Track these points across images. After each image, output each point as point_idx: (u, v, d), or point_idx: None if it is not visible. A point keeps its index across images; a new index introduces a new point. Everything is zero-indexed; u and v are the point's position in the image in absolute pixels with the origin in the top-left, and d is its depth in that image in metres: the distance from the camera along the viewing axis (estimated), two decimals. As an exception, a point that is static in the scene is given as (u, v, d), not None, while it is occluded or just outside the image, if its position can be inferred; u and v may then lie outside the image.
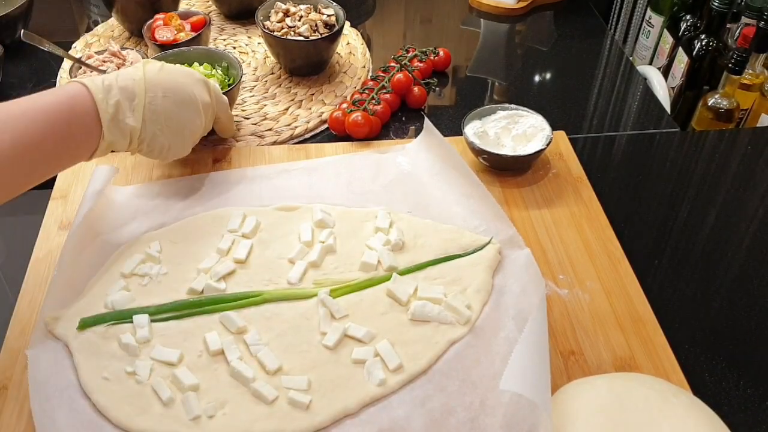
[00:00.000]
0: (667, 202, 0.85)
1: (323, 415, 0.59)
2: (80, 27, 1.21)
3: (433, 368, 0.63)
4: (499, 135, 0.85)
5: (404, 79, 0.97)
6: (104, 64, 0.94)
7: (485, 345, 0.65)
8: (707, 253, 0.78)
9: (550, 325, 0.67)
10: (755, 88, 1.20)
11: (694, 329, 0.70)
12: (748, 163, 0.91)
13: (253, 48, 1.10)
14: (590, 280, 0.72)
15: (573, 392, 0.58)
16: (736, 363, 0.66)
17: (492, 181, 0.84)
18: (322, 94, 1.00)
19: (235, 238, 0.74)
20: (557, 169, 0.86)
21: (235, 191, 0.81)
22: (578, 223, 0.78)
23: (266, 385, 0.60)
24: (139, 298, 0.68)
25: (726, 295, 0.74)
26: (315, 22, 0.99)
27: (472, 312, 0.67)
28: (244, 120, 0.95)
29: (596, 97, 1.04)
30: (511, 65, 1.13)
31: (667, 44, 1.45)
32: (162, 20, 1.00)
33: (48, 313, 0.65)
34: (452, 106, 1.02)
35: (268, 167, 0.84)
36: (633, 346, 0.66)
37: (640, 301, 0.70)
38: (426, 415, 0.59)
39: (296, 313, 0.67)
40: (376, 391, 0.61)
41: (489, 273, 0.71)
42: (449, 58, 1.07)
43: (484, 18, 1.24)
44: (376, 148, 0.88)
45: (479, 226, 0.76)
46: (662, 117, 1.00)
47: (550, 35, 1.21)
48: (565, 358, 0.65)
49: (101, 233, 0.74)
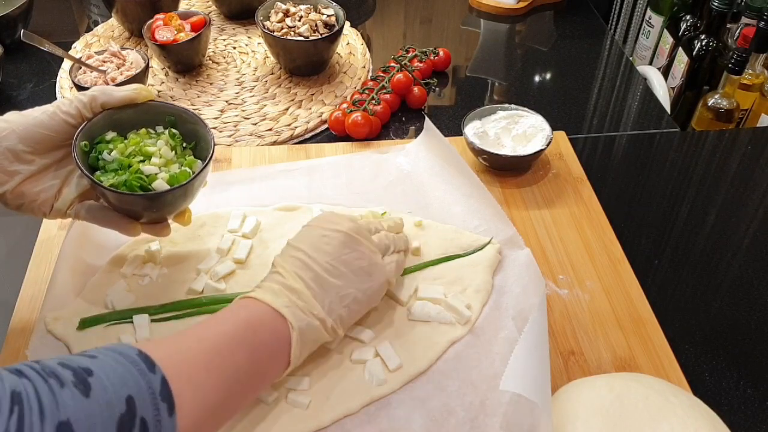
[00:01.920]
0: (667, 202, 0.85)
1: (323, 415, 0.59)
2: (80, 27, 1.21)
3: (433, 368, 0.63)
4: (499, 135, 0.85)
5: (404, 80, 0.97)
6: (104, 64, 0.94)
7: (485, 345, 0.65)
8: (707, 253, 0.78)
9: (550, 325, 0.67)
10: (755, 88, 1.20)
11: (694, 329, 0.70)
12: (748, 163, 0.91)
13: (253, 48, 1.10)
14: (590, 280, 0.72)
15: (573, 392, 0.58)
16: (736, 363, 0.66)
17: (492, 181, 0.84)
18: (322, 94, 1.00)
19: (235, 238, 0.74)
20: (557, 169, 0.86)
21: (235, 191, 0.81)
22: (578, 223, 0.78)
23: (266, 385, 0.60)
24: (139, 298, 0.68)
25: (726, 295, 0.74)
26: (315, 22, 0.99)
27: (472, 312, 0.67)
28: (244, 120, 0.95)
29: (596, 97, 1.04)
30: (511, 65, 1.13)
31: (667, 44, 1.45)
32: (162, 20, 1.00)
33: (48, 313, 0.65)
34: (452, 106, 1.02)
35: (268, 167, 0.84)
36: (633, 346, 0.66)
37: (640, 301, 0.70)
38: (426, 415, 0.59)
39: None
40: (376, 391, 0.61)
41: (489, 273, 0.71)
42: (449, 58, 1.07)
43: (484, 18, 1.24)
44: (376, 148, 0.88)
45: (479, 226, 0.76)
46: (662, 117, 1.00)
47: (550, 35, 1.21)
48: (565, 358, 0.65)
49: (101, 233, 0.74)
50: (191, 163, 0.65)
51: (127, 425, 0.40)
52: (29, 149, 0.59)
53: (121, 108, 0.64)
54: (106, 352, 0.44)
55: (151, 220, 0.65)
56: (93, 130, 0.63)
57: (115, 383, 0.41)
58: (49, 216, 0.63)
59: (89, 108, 0.62)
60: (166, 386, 0.43)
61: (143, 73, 0.93)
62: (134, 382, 0.42)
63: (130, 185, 0.61)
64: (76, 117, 0.61)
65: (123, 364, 0.43)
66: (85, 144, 0.62)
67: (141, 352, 0.44)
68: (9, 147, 0.58)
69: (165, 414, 0.43)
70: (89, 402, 0.39)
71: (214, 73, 1.05)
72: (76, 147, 0.60)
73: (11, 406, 0.36)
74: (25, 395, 0.37)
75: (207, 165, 0.63)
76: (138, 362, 0.43)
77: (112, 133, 0.64)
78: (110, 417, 0.39)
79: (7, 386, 0.37)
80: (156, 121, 0.66)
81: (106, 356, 0.43)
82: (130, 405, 0.41)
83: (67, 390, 0.38)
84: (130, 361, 0.43)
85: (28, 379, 0.38)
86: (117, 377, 0.41)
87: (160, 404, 0.42)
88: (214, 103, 0.99)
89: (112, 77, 0.92)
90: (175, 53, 1.00)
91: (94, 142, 0.63)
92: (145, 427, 0.41)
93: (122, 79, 0.91)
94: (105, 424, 0.39)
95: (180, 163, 0.64)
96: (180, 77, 1.03)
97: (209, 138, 0.65)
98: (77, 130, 0.61)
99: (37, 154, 0.60)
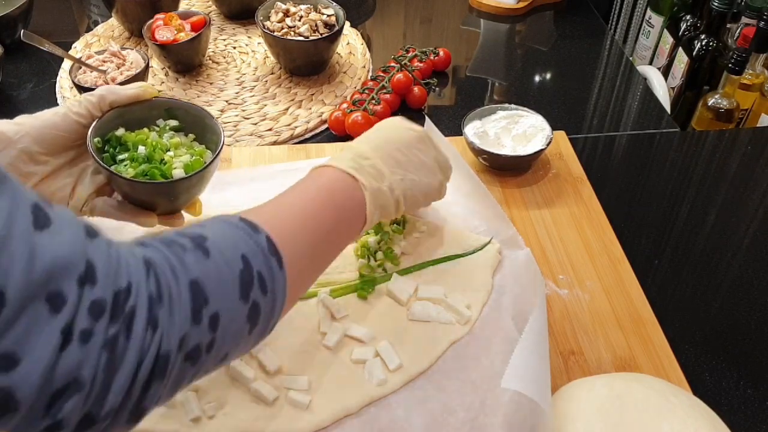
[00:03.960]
0: (667, 202, 0.85)
1: (323, 415, 0.59)
2: (80, 27, 1.21)
3: (433, 368, 0.63)
4: (499, 135, 0.85)
5: (404, 79, 0.97)
6: (104, 64, 0.94)
7: (485, 345, 0.65)
8: (707, 253, 0.78)
9: (550, 325, 0.67)
10: (755, 88, 1.20)
11: (694, 329, 0.70)
12: (748, 163, 0.91)
13: (253, 48, 1.10)
14: (590, 280, 0.72)
15: (573, 392, 0.58)
16: (736, 363, 0.66)
17: (492, 181, 0.84)
18: (322, 94, 1.00)
19: (235, 238, 0.74)
20: (557, 169, 0.86)
21: (235, 191, 0.81)
22: (578, 223, 0.78)
23: (266, 385, 0.60)
24: (139, 298, 0.68)
25: (726, 295, 0.74)
26: (315, 22, 0.99)
27: (472, 312, 0.67)
28: (244, 120, 0.95)
29: (596, 97, 1.04)
30: (511, 65, 1.13)
31: (667, 44, 1.45)
32: (162, 20, 1.00)
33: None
34: (452, 106, 1.02)
35: (268, 167, 0.84)
36: (633, 346, 0.66)
37: (640, 301, 0.70)
38: (426, 415, 0.59)
39: (296, 314, 0.67)
40: (376, 391, 0.61)
41: (489, 273, 0.71)
42: (449, 58, 1.07)
43: (484, 18, 1.24)
44: (376, 148, 0.88)
45: (479, 226, 0.76)
46: (662, 117, 1.00)
47: (550, 35, 1.21)
48: (565, 358, 0.65)
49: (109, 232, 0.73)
50: (202, 153, 0.67)
51: (246, 279, 0.44)
52: (43, 150, 0.61)
53: (129, 105, 0.66)
54: (211, 221, 0.48)
55: (166, 211, 0.67)
56: (104, 128, 0.65)
57: (229, 245, 0.45)
58: None
59: (98, 107, 0.64)
60: (271, 244, 0.47)
61: (143, 73, 0.93)
62: (244, 243, 0.46)
63: (152, 174, 0.63)
64: (87, 117, 0.63)
65: (231, 227, 0.47)
66: (98, 141, 0.64)
67: (242, 218, 0.48)
68: (24, 149, 0.59)
69: (276, 267, 0.47)
70: (211, 261, 0.43)
71: (214, 73, 1.05)
72: (91, 144, 0.62)
73: (147, 270, 0.39)
74: (157, 260, 0.41)
75: (219, 152, 0.66)
76: (243, 226, 0.47)
77: (122, 130, 0.66)
78: (231, 273, 0.44)
79: (138, 254, 0.40)
80: (161, 116, 0.69)
81: (213, 223, 0.47)
82: (245, 262, 0.45)
83: (190, 254, 0.43)
84: (235, 225, 0.47)
85: (154, 248, 0.42)
86: (229, 239, 0.45)
87: (271, 259, 0.47)
88: (214, 103, 0.99)
89: (112, 77, 0.92)
90: (175, 53, 1.00)
91: (105, 139, 0.65)
92: (262, 280, 0.46)
93: (122, 79, 0.91)
94: (229, 281, 0.44)
95: (191, 154, 0.67)
96: (180, 77, 1.03)
97: (218, 128, 0.68)
98: (88, 129, 0.63)
99: (51, 155, 0.62)
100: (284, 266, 0.48)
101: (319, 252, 0.55)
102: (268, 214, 0.52)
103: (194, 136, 0.70)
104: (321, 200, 0.56)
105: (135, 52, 0.97)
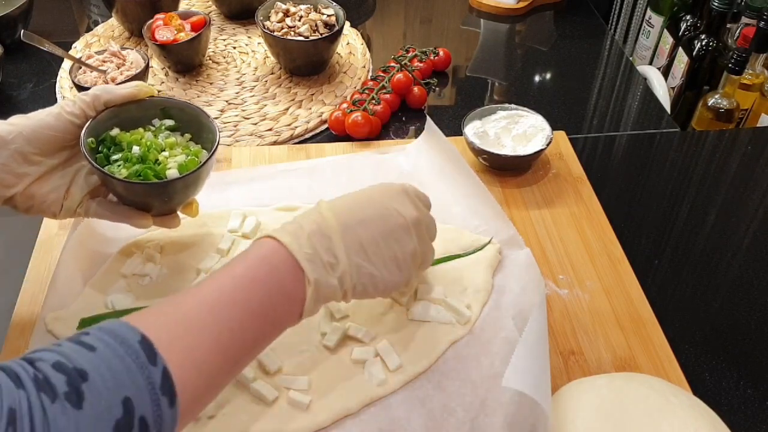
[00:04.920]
0: (667, 202, 0.85)
1: (323, 415, 0.59)
2: (80, 27, 1.21)
3: (433, 368, 0.63)
4: (499, 135, 0.85)
5: (404, 79, 0.97)
6: (104, 64, 0.94)
7: (485, 345, 0.65)
8: (707, 253, 0.78)
9: (550, 325, 0.67)
10: (755, 88, 1.20)
11: (694, 329, 0.70)
12: (748, 163, 0.91)
13: (253, 48, 1.10)
14: (590, 280, 0.72)
15: (573, 392, 0.58)
16: (736, 363, 0.66)
17: (492, 181, 0.84)
18: (322, 94, 1.00)
19: (235, 238, 0.74)
20: (557, 169, 0.86)
21: (235, 191, 0.81)
22: (578, 223, 0.78)
23: (266, 385, 0.60)
24: (139, 298, 0.68)
25: (726, 295, 0.74)
26: (315, 22, 0.99)
27: (472, 312, 0.67)
28: (244, 120, 0.95)
29: (596, 97, 1.04)
30: (511, 65, 1.13)
31: (667, 44, 1.45)
32: (162, 20, 1.00)
33: (48, 313, 0.65)
34: (452, 106, 1.02)
35: (268, 167, 0.84)
36: (633, 346, 0.66)
37: (640, 301, 0.70)
38: (426, 415, 0.59)
39: (296, 313, 0.67)
40: (376, 391, 0.61)
41: (489, 273, 0.71)
42: (449, 58, 1.07)
43: (484, 18, 1.24)
44: (377, 148, 0.88)
45: (479, 226, 0.76)
46: (662, 117, 1.00)
47: (550, 35, 1.21)
48: (565, 358, 0.65)
49: (101, 233, 0.74)
50: (197, 153, 0.66)
51: (124, 429, 0.39)
52: (36, 151, 0.60)
53: (124, 105, 0.65)
54: (107, 341, 0.42)
55: (162, 212, 0.66)
56: (98, 128, 0.64)
57: (111, 387, 0.40)
58: (59, 216, 0.64)
59: (93, 107, 0.63)
60: (167, 378, 0.42)
61: (143, 73, 0.93)
62: (132, 382, 0.41)
63: (146, 175, 0.62)
64: (81, 117, 0.62)
65: (122, 358, 0.41)
66: (92, 141, 0.63)
67: (143, 339, 0.43)
68: (17, 149, 0.59)
69: (166, 406, 0.42)
70: (81, 414, 0.38)
71: (214, 73, 1.05)
72: (84, 144, 0.61)
73: (7, 427, 0.36)
74: (20, 414, 0.36)
75: (214, 152, 0.65)
76: (139, 354, 0.42)
77: (117, 130, 0.65)
78: (105, 425, 0.39)
79: (5, 403, 0.37)
80: (156, 116, 0.68)
81: (105, 348, 0.42)
82: (127, 407, 0.40)
83: (58, 404, 0.38)
84: (130, 352, 0.42)
85: (24, 390, 0.38)
86: (113, 378, 0.40)
87: (161, 399, 0.42)
88: (214, 103, 0.99)
89: (112, 77, 0.92)
90: (175, 53, 1.00)
91: (99, 139, 0.64)
92: (145, 425, 0.40)
93: (122, 79, 0.91)
94: None
95: (186, 154, 0.66)
96: (180, 77, 1.03)
97: (213, 127, 0.67)
98: (82, 129, 0.62)
99: (45, 155, 0.61)
100: (176, 404, 0.43)
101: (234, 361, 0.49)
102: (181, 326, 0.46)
103: (190, 136, 0.69)
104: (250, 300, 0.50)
105: (135, 52, 0.97)
